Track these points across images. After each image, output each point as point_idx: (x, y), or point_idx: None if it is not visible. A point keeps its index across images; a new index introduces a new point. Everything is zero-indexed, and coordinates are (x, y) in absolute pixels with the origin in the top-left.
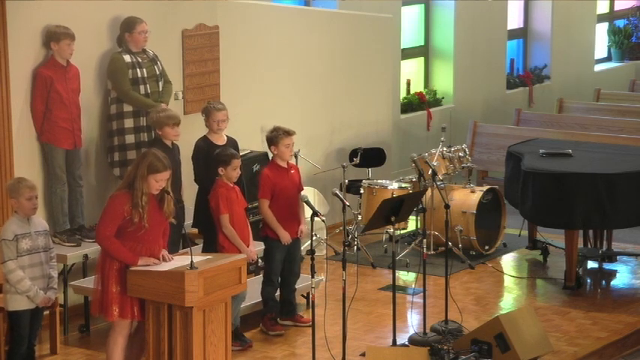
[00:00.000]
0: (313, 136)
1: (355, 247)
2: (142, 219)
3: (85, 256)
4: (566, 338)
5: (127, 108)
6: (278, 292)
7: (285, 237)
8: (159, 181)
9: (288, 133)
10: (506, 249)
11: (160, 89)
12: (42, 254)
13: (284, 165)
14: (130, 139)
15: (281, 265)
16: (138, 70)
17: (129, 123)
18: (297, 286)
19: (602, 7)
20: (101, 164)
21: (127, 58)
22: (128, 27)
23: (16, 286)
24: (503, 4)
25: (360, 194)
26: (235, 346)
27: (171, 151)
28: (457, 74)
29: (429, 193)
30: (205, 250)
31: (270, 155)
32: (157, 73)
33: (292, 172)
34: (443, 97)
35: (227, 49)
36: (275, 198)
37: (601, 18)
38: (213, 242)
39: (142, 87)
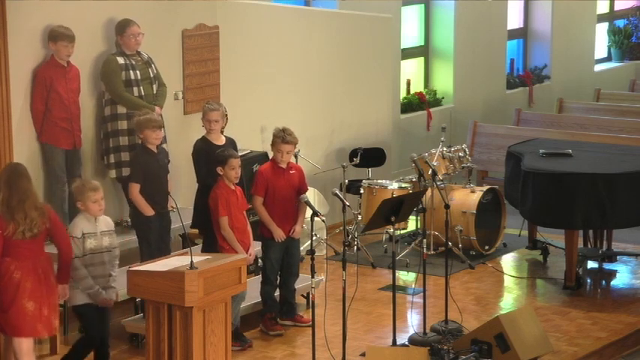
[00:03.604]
0: (313, 136)
1: (355, 247)
2: None
3: None
4: (566, 338)
5: (121, 110)
6: (278, 292)
7: (278, 233)
8: None
9: (285, 141)
10: (506, 249)
11: (155, 92)
12: (105, 254)
13: (282, 165)
14: (124, 140)
15: (278, 264)
16: (131, 72)
17: (122, 125)
18: (297, 286)
19: (602, 7)
20: (98, 165)
21: (121, 59)
22: (119, 29)
23: (79, 283)
24: (503, 4)
25: (360, 194)
26: (235, 346)
27: (156, 156)
28: (457, 74)
29: (429, 193)
30: (205, 251)
31: (271, 154)
32: (151, 75)
33: (292, 172)
34: (443, 97)
35: (227, 49)
36: (269, 196)
37: (601, 18)
38: (213, 242)
39: (135, 89)
